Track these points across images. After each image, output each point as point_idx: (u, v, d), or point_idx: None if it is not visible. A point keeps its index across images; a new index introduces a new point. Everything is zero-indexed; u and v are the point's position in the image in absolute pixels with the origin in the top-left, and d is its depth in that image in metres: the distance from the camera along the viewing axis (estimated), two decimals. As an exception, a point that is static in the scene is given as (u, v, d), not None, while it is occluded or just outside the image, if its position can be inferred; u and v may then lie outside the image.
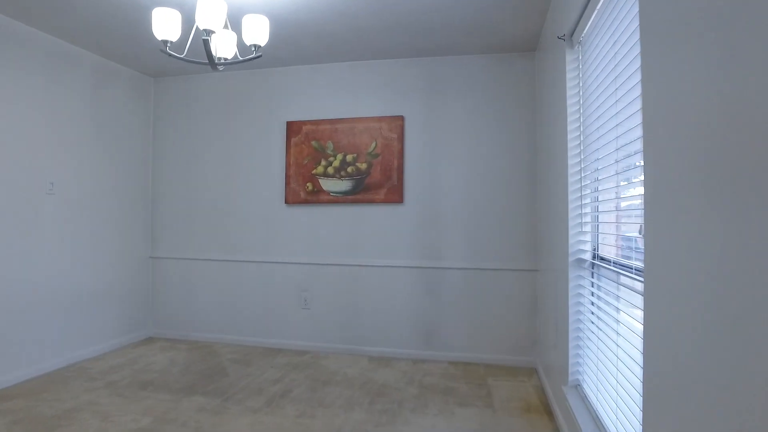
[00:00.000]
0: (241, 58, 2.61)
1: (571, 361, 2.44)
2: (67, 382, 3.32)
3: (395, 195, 4.04)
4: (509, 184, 3.84)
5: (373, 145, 4.10)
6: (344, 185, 4.16)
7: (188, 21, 3.12)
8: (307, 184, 4.24)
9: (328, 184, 4.19)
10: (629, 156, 1.73)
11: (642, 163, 1.41)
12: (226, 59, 2.64)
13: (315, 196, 4.22)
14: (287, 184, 4.28)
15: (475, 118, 3.92)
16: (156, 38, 3.13)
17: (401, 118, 4.04)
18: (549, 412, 2.85)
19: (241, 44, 3.42)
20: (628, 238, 1.93)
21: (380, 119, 4.08)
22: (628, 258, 1.86)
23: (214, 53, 2.60)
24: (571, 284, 2.40)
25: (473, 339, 3.88)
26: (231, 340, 4.37)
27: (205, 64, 2.56)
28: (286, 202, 4.27)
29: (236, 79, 4.42)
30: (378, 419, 2.77)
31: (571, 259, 2.41)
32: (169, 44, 2.45)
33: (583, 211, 2.40)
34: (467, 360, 3.88)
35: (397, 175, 4.04)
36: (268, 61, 4.13)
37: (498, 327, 3.84)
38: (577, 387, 2.43)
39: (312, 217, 4.24)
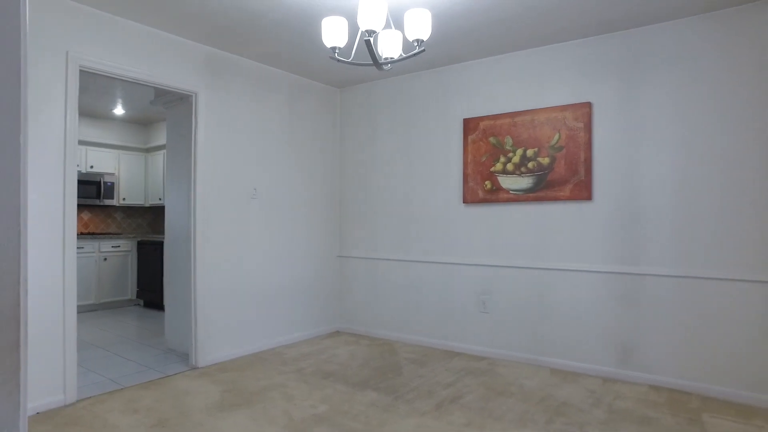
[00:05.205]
0: (405, 55, 2.59)
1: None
2: (267, 363, 3.75)
3: (582, 191, 3.59)
4: (738, 173, 3.06)
5: (556, 137, 3.71)
6: (525, 182, 3.86)
7: (354, 26, 3.24)
8: (486, 183, 4.05)
9: (508, 182, 3.94)
10: None
11: None
12: (391, 58, 2.65)
13: (494, 195, 4.01)
14: (465, 182, 4.16)
15: (687, 96, 3.24)
16: (325, 46, 3.31)
17: (588, 105, 3.57)
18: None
19: (407, 42, 3.43)
20: None
21: (564, 108, 3.68)
22: None
23: (379, 53, 2.64)
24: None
25: (684, 362, 3.20)
26: (410, 340, 4.43)
27: (370, 65, 2.61)
28: (464, 201, 4.16)
29: (413, 80, 4.48)
30: (553, 443, 2.45)
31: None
32: (337, 50, 2.56)
33: None
34: (674, 386, 3.21)
35: (585, 168, 3.59)
36: (442, 59, 4.08)
37: (721, 351, 3.08)
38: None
39: (491, 216, 4.04)
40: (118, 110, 6.02)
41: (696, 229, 3.18)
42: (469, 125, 4.14)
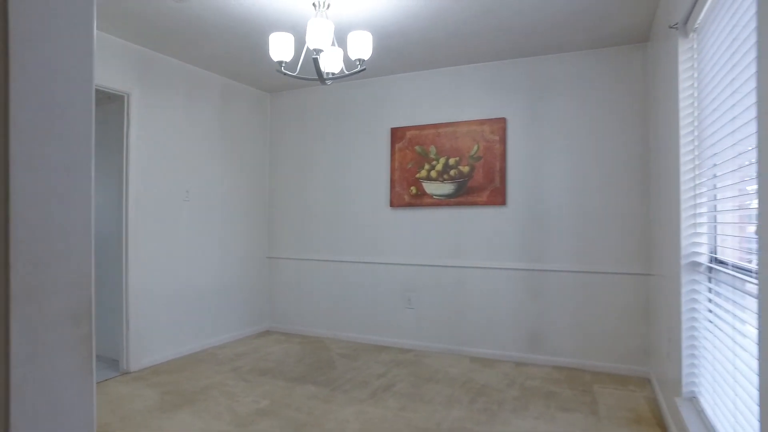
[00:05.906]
0: (347, 72, 2.81)
1: (684, 371, 2.28)
2: (202, 364, 3.79)
3: (498, 197, 4.03)
4: (620, 183, 3.64)
5: (476, 148, 4.12)
6: (447, 188, 4.23)
7: (299, 41, 3.42)
8: (411, 188, 4.38)
9: (432, 188, 4.29)
10: (749, 151, 1.60)
11: (756, 159, 1.32)
12: (333, 74, 2.87)
13: (419, 200, 4.34)
14: (392, 188, 4.46)
15: (581, 116, 3.78)
16: (272, 59, 3.46)
17: (503, 120, 4.02)
18: (662, 426, 2.67)
19: (346, 57, 3.65)
20: (751, 239, 1.78)
21: (482, 122, 4.10)
22: (751, 260, 1.72)
23: (322, 69, 2.83)
24: (684, 289, 2.25)
25: (579, 344, 3.73)
26: (340, 336, 4.65)
27: (314, 79, 2.81)
28: (391, 205, 4.45)
29: (344, 89, 4.71)
30: (477, 417, 2.80)
31: (683, 262, 2.25)
32: (283, 64, 2.73)
33: (697, 211, 2.23)
34: (572, 366, 3.74)
35: (500, 177, 4.03)
36: (373, 71, 4.34)
37: (607, 333, 3.65)
38: (692, 400, 2.26)
39: (416, 219, 4.37)
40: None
41: (588, 230, 3.73)
42: (397, 134, 4.45)
